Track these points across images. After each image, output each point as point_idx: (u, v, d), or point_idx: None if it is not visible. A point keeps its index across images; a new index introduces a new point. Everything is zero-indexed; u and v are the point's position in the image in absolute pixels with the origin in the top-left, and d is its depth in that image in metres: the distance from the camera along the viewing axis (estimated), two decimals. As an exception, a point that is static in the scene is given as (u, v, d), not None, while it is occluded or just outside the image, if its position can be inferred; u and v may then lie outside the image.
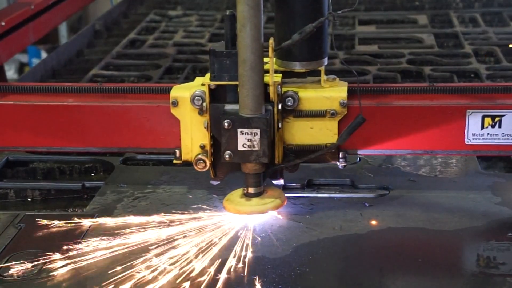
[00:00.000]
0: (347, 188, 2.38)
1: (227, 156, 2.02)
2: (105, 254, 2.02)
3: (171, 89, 2.14)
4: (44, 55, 6.63)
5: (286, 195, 2.21)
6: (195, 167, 2.13)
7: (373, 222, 2.15)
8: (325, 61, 2.11)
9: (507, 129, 2.11)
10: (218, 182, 2.18)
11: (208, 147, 2.10)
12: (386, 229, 2.12)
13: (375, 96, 2.17)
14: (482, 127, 2.11)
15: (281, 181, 2.19)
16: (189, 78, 3.37)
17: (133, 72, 3.49)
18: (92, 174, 2.57)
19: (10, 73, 6.46)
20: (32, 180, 2.54)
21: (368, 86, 2.21)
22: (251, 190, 2.11)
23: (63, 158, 2.63)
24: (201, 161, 2.12)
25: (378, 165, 2.49)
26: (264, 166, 2.07)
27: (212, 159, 2.11)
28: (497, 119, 2.11)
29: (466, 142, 2.13)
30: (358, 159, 2.50)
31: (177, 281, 1.89)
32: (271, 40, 2.00)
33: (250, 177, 2.09)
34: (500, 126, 2.11)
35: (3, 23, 2.68)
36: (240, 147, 2.00)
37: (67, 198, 2.44)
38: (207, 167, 2.12)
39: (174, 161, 2.18)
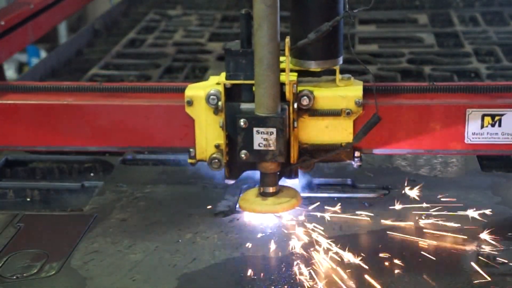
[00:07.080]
0: (347, 188, 2.37)
1: (243, 155, 2.01)
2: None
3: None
4: (43, 54, 6.62)
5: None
6: (210, 166, 2.10)
7: (373, 222, 2.14)
8: (340, 60, 2.09)
9: (507, 128, 2.10)
10: (232, 182, 2.15)
11: (223, 147, 2.08)
12: (386, 228, 2.12)
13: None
14: (482, 126, 2.11)
15: (296, 180, 2.15)
16: (188, 78, 3.37)
17: (133, 71, 3.49)
18: (91, 174, 2.57)
19: (10, 72, 6.45)
20: (31, 180, 2.54)
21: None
22: (267, 189, 2.09)
23: (63, 158, 2.63)
24: (216, 160, 2.09)
25: (378, 165, 2.48)
26: (279, 165, 2.06)
27: (227, 159, 2.09)
28: (497, 118, 2.10)
29: (466, 141, 2.12)
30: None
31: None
32: (287, 39, 1.98)
33: (265, 176, 2.08)
34: (500, 125, 2.10)
35: (2, 23, 2.67)
36: (256, 146, 1.99)
37: (66, 197, 2.43)
38: (222, 167, 2.10)
39: (189, 161, 2.15)
